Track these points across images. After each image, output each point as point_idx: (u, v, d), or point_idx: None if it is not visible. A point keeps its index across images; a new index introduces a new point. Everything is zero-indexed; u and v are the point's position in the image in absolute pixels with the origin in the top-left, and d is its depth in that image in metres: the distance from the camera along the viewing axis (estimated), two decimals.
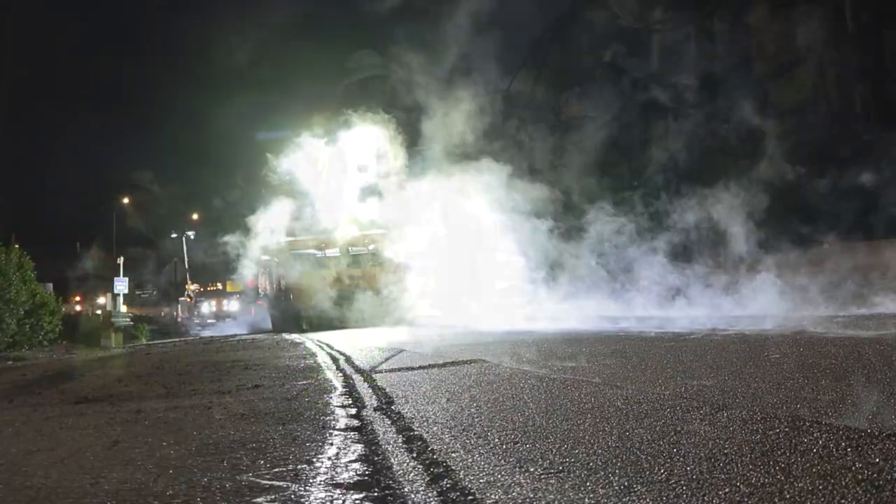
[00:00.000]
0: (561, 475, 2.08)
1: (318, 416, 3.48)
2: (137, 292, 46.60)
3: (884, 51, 17.79)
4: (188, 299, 38.31)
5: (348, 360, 6.76)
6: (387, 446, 2.68)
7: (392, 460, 2.45)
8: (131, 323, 24.29)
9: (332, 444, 2.79)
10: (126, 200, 46.61)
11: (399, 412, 3.39)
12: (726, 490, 1.81)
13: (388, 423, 3.17)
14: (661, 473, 2.00)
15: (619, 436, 2.51)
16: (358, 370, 5.73)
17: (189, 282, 39.54)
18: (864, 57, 17.81)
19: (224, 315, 34.41)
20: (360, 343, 9.44)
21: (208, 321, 34.05)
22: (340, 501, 2.04)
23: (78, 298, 41.09)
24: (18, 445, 3.22)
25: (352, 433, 3.00)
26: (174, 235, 44.66)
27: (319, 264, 17.76)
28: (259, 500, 2.09)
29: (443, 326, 12.86)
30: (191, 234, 42.59)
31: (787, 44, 18.93)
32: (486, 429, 2.84)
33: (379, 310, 16.02)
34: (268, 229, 18.75)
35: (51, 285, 18.90)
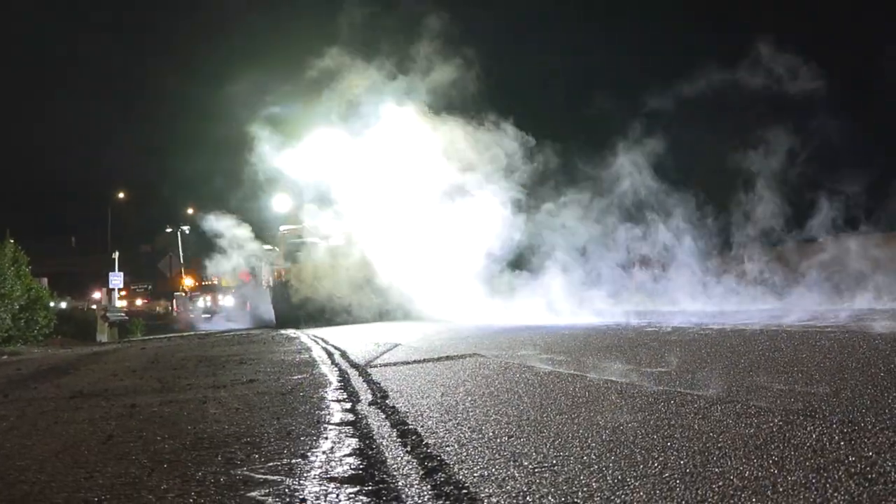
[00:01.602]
0: (555, 469, 2.08)
1: (312, 411, 3.48)
2: (133, 287, 46.51)
3: None
4: (183, 294, 38.21)
5: (343, 354, 6.77)
6: (381, 440, 2.68)
7: (386, 454, 2.45)
8: (126, 318, 24.32)
9: (326, 439, 2.79)
10: (121, 195, 46.44)
11: (394, 406, 3.40)
12: (720, 483, 1.82)
13: (383, 417, 3.17)
14: (655, 467, 2.01)
15: (613, 430, 2.52)
16: (353, 365, 5.74)
17: (184, 276, 39.42)
18: None
19: (220, 309, 34.31)
20: (355, 338, 9.45)
21: (204, 315, 33.95)
22: (335, 495, 2.04)
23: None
24: (13, 440, 3.21)
25: (346, 427, 3.00)
26: (169, 230, 44.48)
27: (322, 254, 17.43)
28: (253, 493, 2.09)
29: (439, 322, 12.86)
30: (185, 228, 42.40)
31: None
32: (480, 423, 2.84)
33: (375, 305, 15.88)
34: (267, 218, 18.40)
35: (46, 280, 18.82)
